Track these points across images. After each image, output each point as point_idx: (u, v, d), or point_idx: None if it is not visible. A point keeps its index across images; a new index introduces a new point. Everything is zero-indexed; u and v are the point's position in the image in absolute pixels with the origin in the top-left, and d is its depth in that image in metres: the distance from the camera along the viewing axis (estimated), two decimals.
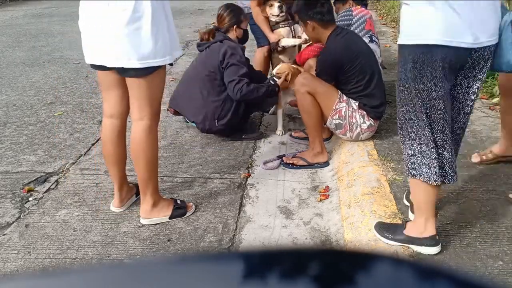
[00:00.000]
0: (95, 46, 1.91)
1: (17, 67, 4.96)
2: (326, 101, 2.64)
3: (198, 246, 2.01)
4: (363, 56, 2.64)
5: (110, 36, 1.82)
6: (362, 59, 2.61)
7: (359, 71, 2.61)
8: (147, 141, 2.02)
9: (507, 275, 1.66)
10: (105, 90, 2.10)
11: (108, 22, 1.82)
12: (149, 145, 2.03)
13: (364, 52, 2.68)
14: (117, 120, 2.12)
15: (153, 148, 2.06)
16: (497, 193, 2.16)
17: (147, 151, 2.04)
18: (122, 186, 2.23)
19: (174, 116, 3.51)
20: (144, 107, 1.98)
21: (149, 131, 2.01)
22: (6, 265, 1.89)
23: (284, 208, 2.32)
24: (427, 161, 1.67)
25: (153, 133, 2.04)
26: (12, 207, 2.32)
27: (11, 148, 3.01)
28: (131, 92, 1.98)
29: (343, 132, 2.72)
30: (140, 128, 2.01)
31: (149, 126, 2.01)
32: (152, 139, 2.04)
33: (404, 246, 1.81)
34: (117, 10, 1.79)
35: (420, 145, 1.68)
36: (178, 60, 5.19)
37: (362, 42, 2.78)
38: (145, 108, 1.98)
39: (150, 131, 2.02)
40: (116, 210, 2.25)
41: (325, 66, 2.66)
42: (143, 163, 2.05)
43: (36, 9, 9.08)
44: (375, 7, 7.78)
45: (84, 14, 1.92)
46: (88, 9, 1.89)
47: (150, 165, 2.08)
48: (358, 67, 2.60)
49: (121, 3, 1.78)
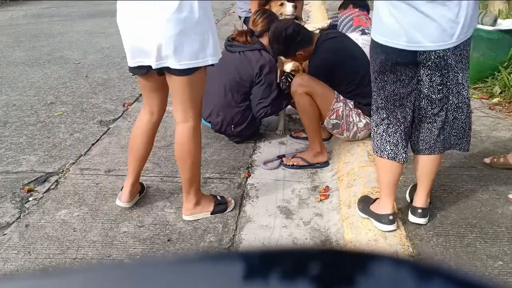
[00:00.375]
0: (139, 47, 1.88)
1: (17, 67, 4.96)
2: (324, 101, 2.64)
3: (198, 246, 2.01)
4: (353, 56, 2.66)
5: (156, 37, 1.80)
6: (352, 61, 2.63)
7: (351, 71, 2.62)
8: (193, 143, 2.06)
9: (507, 275, 1.66)
10: (148, 93, 2.12)
11: (152, 22, 1.80)
12: (194, 146, 2.07)
13: (352, 51, 2.69)
14: (157, 116, 2.16)
15: (197, 148, 2.10)
16: (497, 193, 2.17)
17: (193, 152, 2.07)
18: (135, 183, 2.25)
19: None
20: (188, 109, 2.00)
21: (194, 133, 2.05)
22: (6, 265, 1.89)
23: (284, 208, 2.32)
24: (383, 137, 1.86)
25: (197, 134, 2.08)
26: (12, 207, 2.32)
27: (11, 148, 3.01)
28: (175, 94, 1.99)
29: (340, 132, 2.73)
30: (186, 130, 2.03)
31: (194, 127, 2.04)
32: (196, 140, 2.07)
33: (404, 246, 1.81)
34: (162, 9, 1.78)
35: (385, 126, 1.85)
36: None
37: (350, 43, 2.78)
38: (189, 110, 2.00)
39: (195, 132, 2.05)
40: (124, 205, 2.24)
41: (317, 73, 2.67)
42: (189, 164, 2.08)
43: (36, 9, 9.08)
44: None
45: (123, 14, 1.90)
46: (129, 9, 1.87)
47: (195, 165, 2.12)
48: (349, 67, 2.62)
49: (166, 3, 1.77)
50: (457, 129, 1.86)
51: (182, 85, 1.93)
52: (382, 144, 1.87)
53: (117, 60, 5.20)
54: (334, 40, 2.69)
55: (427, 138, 1.86)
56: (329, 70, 2.63)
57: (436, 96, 1.78)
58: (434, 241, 1.84)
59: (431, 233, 1.89)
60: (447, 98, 1.79)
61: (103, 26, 7.09)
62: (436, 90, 1.77)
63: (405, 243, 1.83)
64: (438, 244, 1.83)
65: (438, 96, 1.78)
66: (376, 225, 1.94)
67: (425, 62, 1.71)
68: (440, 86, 1.76)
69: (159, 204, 2.33)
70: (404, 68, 1.73)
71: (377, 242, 1.85)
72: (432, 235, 1.88)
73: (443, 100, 1.79)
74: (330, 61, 2.63)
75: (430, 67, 1.72)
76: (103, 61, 5.15)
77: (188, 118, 2.02)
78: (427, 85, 1.77)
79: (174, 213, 2.25)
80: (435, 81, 1.75)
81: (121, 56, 5.35)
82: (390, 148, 1.85)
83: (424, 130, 1.86)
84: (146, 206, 2.31)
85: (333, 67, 2.62)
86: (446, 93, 1.77)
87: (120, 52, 5.55)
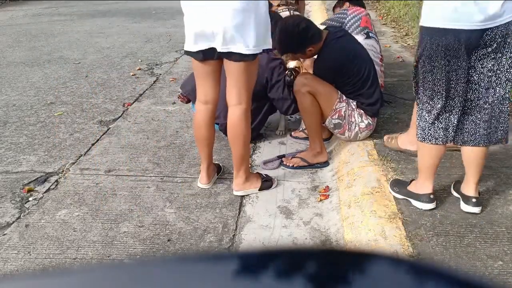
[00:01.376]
0: (204, 31, 2.04)
1: (17, 67, 4.96)
2: (327, 101, 2.64)
3: (198, 246, 2.01)
4: (359, 57, 2.65)
5: (224, 22, 1.98)
6: (358, 61, 2.62)
7: (356, 73, 2.61)
8: (245, 123, 2.24)
9: (507, 275, 1.66)
10: (203, 78, 2.26)
11: (220, 9, 1.97)
12: (246, 127, 2.25)
13: (359, 52, 2.68)
14: (212, 105, 2.32)
15: (248, 129, 2.29)
16: (496, 193, 2.17)
17: (245, 132, 2.26)
18: (210, 165, 2.46)
19: (174, 116, 3.52)
20: (242, 93, 2.18)
21: (246, 114, 2.23)
22: (6, 265, 1.89)
23: (284, 208, 2.32)
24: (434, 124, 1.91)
25: (249, 115, 2.26)
26: (12, 207, 2.32)
27: (11, 148, 3.01)
28: (231, 78, 2.16)
29: (342, 131, 2.73)
30: (239, 112, 2.21)
31: (246, 109, 2.22)
32: (247, 121, 2.26)
33: (404, 246, 1.81)
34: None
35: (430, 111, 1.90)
36: (179, 60, 5.20)
37: (355, 42, 2.77)
38: (243, 93, 2.18)
39: (247, 114, 2.24)
40: (204, 186, 2.45)
41: (322, 73, 2.65)
42: (241, 143, 2.28)
43: (36, 9, 9.08)
44: (375, 7, 7.77)
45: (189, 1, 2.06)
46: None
47: (246, 144, 2.32)
48: (355, 69, 2.61)
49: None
50: (503, 122, 1.91)
51: (241, 69, 2.11)
52: (435, 131, 1.92)
53: (117, 60, 5.20)
54: (342, 39, 2.66)
55: (471, 130, 1.92)
56: (337, 70, 2.62)
57: (485, 84, 1.84)
58: (434, 241, 1.84)
59: (431, 233, 1.89)
60: (494, 89, 1.84)
61: (103, 26, 7.09)
62: (486, 78, 1.82)
63: (405, 243, 1.83)
64: (438, 244, 1.82)
65: (486, 85, 1.84)
66: (416, 205, 2.04)
67: (488, 43, 1.75)
68: (490, 73, 1.82)
69: (159, 204, 2.33)
70: (458, 53, 1.77)
71: (377, 242, 1.85)
72: (432, 235, 1.88)
73: (490, 91, 1.85)
74: (339, 61, 2.61)
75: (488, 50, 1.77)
76: (103, 61, 5.15)
77: (241, 100, 2.20)
78: (478, 71, 1.83)
79: (174, 213, 2.25)
80: (486, 66, 1.81)
81: (121, 56, 5.35)
82: (443, 134, 1.91)
83: (468, 122, 1.92)
84: (146, 206, 2.31)
85: (341, 68, 2.60)
86: (494, 83, 1.83)
87: (120, 52, 5.57)
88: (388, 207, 2.06)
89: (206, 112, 2.32)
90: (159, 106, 3.76)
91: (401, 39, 5.49)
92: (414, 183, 2.09)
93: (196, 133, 2.41)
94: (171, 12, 8.02)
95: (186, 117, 3.47)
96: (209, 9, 2.00)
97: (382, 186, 2.22)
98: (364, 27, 3.25)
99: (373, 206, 2.07)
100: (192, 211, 2.27)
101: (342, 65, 2.60)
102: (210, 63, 2.17)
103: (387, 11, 7.19)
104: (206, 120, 2.33)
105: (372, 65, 2.72)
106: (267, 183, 2.47)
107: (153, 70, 4.83)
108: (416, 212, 2.02)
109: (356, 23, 3.25)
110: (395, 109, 3.26)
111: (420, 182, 2.05)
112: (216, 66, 2.20)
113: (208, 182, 2.46)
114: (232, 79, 2.16)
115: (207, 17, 2.01)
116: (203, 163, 2.45)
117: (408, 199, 2.08)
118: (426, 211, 2.01)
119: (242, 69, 2.11)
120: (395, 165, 2.43)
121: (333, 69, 2.62)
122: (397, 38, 5.61)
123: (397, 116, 3.12)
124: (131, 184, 2.53)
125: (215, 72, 2.22)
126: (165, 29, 6.89)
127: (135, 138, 3.14)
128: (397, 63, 4.49)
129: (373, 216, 2.00)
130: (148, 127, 3.32)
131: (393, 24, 6.47)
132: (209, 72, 2.21)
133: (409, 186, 2.11)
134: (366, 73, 2.62)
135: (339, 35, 2.69)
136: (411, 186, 2.09)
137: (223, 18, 1.98)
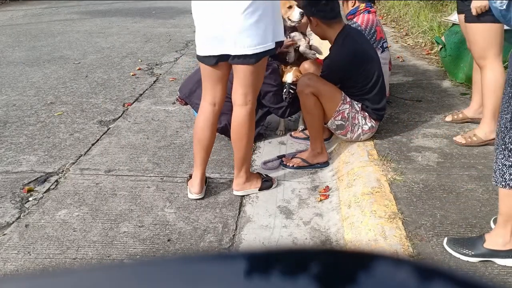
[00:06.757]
0: (215, 36, 2.05)
1: (17, 67, 4.96)
2: (330, 102, 2.62)
3: (198, 246, 2.01)
4: (370, 60, 2.62)
5: (233, 27, 1.99)
6: (368, 64, 2.60)
7: (365, 76, 2.60)
8: (249, 124, 2.24)
9: (507, 275, 1.66)
10: (213, 81, 2.24)
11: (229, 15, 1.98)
12: (250, 127, 2.26)
13: (370, 56, 2.66)
14: (218, 107, 2.30)
15: (252, 130, 2.30)
16: (497, 193, 2.16)
17: (249, 132, 2.26)
18: (203, 173, 2.38)
19: (174, 116, 3.52)
20: (249, 93, 2.18)
21: (251, 115, 2.24)
22: (6, 265, 1.89)
23: (284, 208, 2.32)
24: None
25: (253, 117, 2.28)
26: (12, 207, 2.32)
27: (11, 148, 3.01)
28: (238, 79, 2.16)
29: (344, 133, 2.72)
30: (244, 112, 2.21)
31: (251, 110, 2.22)
32: (252, 122, 2.27)
33: (404, 246, 1.81)
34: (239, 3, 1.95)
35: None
36: (178, 60, 5.20)
37: (368, 44, 2.76)
38: (250, 94, 2.19)
39: (251, 115, 2.24)
40: (196, 196, 2.35)
41: (332, 70, 2.63)
42: (244, 143, 2.28)
43: (36, 9, 9.08)
44: (375, 7, 7.77)
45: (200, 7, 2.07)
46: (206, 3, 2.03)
47: (249, 145, 2.31)
48: (364, 72, 2.59)
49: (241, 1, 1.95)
50: None
51: (248, 71, 2.11)
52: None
53: (117, 60, 5.20)
54: (355, 40, 2.64)
55: None
56: (343, 72, 2.61)
57: None
58: (434, 241, 1.84)
59: (431, 233, 1.89)
60: None
61: (103, 26, 7.09)
62: None
63: (405, 243, 1.83)
64: (438, 244, 1.82)
65: None
66: (505, 263, 1.68)
67: None
68: None
69: (159, 204, 2.33)
70: None
71: (377, 242, 1.85)
72: (432, 235, 1.88)
73: None
74: (349, 62, 2.58)
75: None
76: (103, 61, 5.15)
77: (247, 101, 2.19)
78: None
79: (174, 213, 2.25)
80: None
81: (121, 56, 5.35)
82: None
83: None
84: (146, 206, 2.31)
85: (348, 70, 2.59)
86: None
87: (120, 52, 5.57)
88: (388, 207, 2.06)
89: (212, 113, 2.29)
90: (159, 106, 3.76)
91: (401, 39, 5.49)
92: (494, 237, 1.68)
93: (198, 134, 2.33)
94: (171, 12, 8.02)
95: (186, 117, 3.47)
96: (219, 14, 2.00)
97: (382, 186, 2.22)
98: (380, 39, 3.16)
99: (373, 206, 2.07)
100: (192, 211, 2.27)
101: (351, 67, 2.58)
102: (222, 67, 2.17)
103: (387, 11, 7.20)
104: (211, 120, 2.30)
105: (381, 70, 2.71)
106: (267, 183, 2.46)
107: (153, 70, 4.83)
108: (416, 212, 2.02)
109: (373, 37, 3.11)
110: (395, 109, 3.26)
111: (503, 234, 1.66)
112: (227, 70, 2.20)
113: (200, 192, 2.35)
114: (239, 80, 2.16)
115: (217, 22, 2.02)
116: (196, 169, 2.35)
117: (491, 260, 1.69)
118: (426, 211, 2.01)
119: (250, 71, 2.11)
120: (395, 165, 2.43)
121: (341, 69, 2.60)
122: (397, 38, 5.61)
123: (397, 116, 3.12)
124: (131, 184, 2.53)
125: (225, 75, 2.23)
126: (165, 29, 6.89)
127: (135, 138, 3.14)
128: (397, 63, 4.49)
129: (373, 216, 2.00)
130: (148, 127, 3.32)
131: (393, 24, 6.47)
132: (220, 76, 2.21)
133: (485, 243, 1.69)
134: (375, 78, 2.60)
135: (355, 31, 2.69)
136: (490, 243, 1.68)
137: (233, 22, 1.98)
